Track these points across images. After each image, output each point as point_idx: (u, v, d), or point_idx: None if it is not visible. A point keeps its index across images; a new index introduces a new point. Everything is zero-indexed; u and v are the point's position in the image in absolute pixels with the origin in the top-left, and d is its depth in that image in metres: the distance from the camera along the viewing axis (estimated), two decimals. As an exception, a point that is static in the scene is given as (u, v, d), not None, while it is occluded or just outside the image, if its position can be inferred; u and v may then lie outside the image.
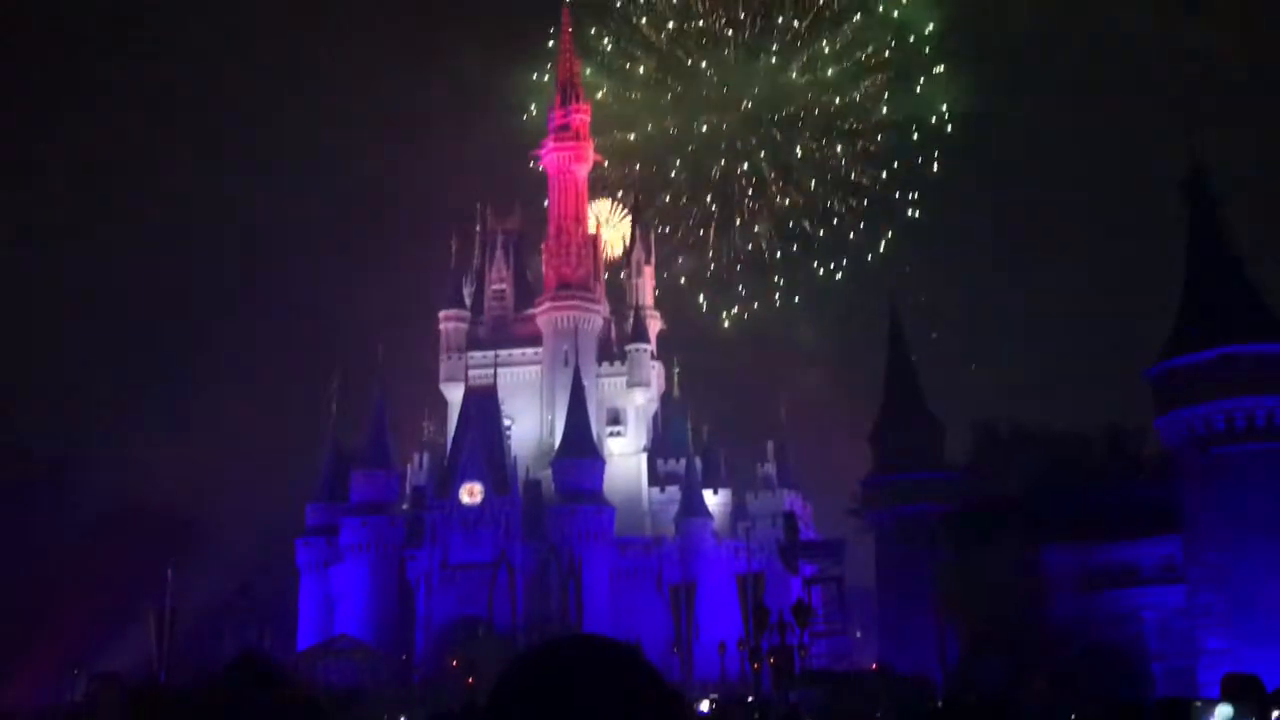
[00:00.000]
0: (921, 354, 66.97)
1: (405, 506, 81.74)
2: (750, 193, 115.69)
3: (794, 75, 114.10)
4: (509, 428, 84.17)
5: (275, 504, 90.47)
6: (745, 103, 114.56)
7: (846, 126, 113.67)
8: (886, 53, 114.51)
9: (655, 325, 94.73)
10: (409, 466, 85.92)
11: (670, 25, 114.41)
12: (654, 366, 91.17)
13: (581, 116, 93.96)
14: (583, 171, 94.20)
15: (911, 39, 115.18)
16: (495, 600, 69.72)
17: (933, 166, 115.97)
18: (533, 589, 74.14)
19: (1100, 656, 45.29)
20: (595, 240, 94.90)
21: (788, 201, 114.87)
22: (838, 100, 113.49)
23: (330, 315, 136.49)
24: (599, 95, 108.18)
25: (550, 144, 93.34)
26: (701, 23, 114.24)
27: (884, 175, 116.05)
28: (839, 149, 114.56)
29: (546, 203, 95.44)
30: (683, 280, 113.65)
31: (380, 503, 79.78)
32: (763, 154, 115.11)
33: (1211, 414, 44.60)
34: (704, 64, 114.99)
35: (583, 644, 2.21)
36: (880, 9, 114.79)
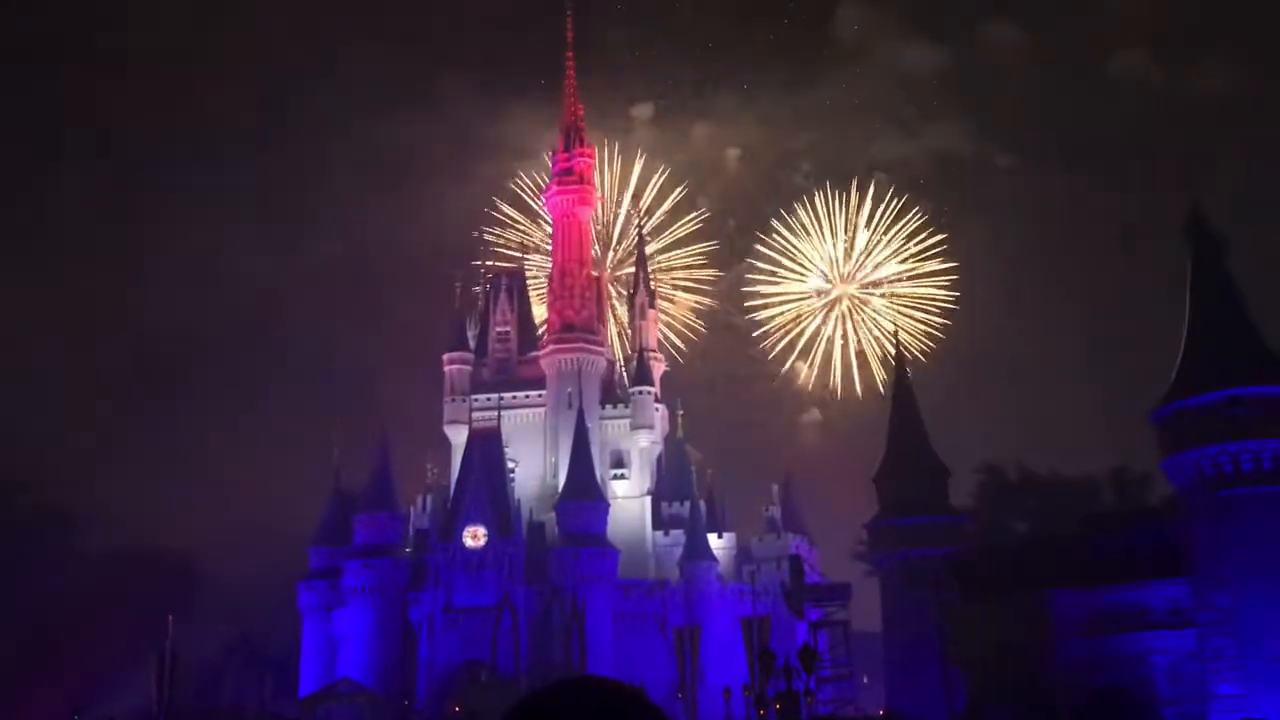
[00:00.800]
0: (925, 397, 66.81)
1: (408, 549, 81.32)
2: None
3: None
4: (513, 470, 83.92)
5: (278, 548, 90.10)
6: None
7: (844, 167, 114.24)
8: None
9: (659, 368, 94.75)
10: (412, 509, 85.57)
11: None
12: (658, 409, 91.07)
13: (585, 160, 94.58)
14: (586, 215, 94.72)
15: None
16: (498, 643, 69.32)
17: (927, 210, 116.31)
18: (536, 632, 73.62)
19: (1109, 701, 44.81)
20: (599, 283, 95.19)
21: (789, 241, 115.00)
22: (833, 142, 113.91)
23: (333, 359, 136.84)
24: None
25: (554, 188, 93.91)
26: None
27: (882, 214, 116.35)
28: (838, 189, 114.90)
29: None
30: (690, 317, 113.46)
31: (383, 545, 79.43)
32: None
33: (1219, 456, 44.41)
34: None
35: (588, 685, 2.18)
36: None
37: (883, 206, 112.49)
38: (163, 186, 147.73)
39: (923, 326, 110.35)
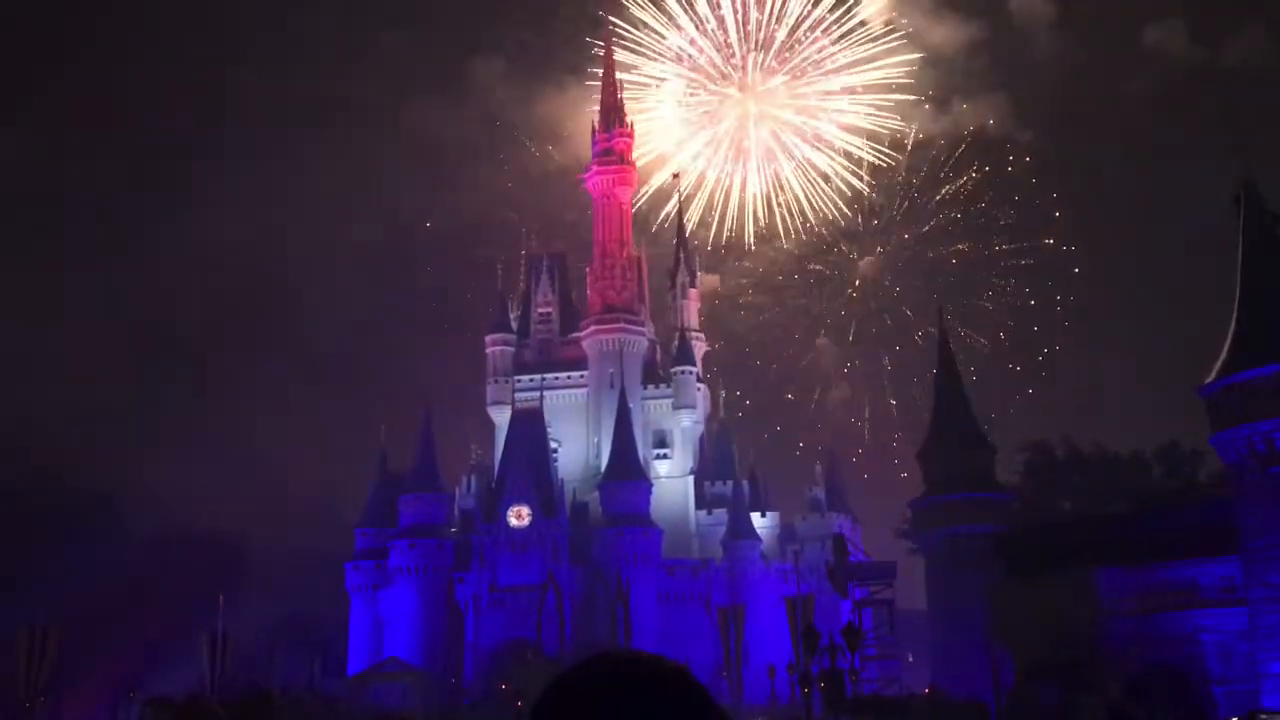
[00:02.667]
0: (971, 372, 66.27)
1: (453, 530, 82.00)
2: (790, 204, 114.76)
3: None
4: (555, 451, 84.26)
5: (325, 529, 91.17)
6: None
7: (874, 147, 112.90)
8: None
9: (701, 347, 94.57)
10: (457, 490, 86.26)
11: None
12: (700, 389, 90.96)
13: (625, 140, 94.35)
14: (626, 195, 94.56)
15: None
16: (543, 623, 69.73)
17: (971, 184, 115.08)
18: (580, 611, 74.01)
19: (1159, 679, 44.32)
20: (640, 263, 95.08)
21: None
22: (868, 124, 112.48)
23: (378, 341, 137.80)
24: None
25: (594, 168, 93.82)
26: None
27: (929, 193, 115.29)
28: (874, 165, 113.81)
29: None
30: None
31: (429, 526, 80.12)
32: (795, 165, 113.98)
33: (1271, 431, 43.64)
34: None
35: (632, 660, 2.16)
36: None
37: None
38: (203, 173, 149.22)
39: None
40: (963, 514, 57.04)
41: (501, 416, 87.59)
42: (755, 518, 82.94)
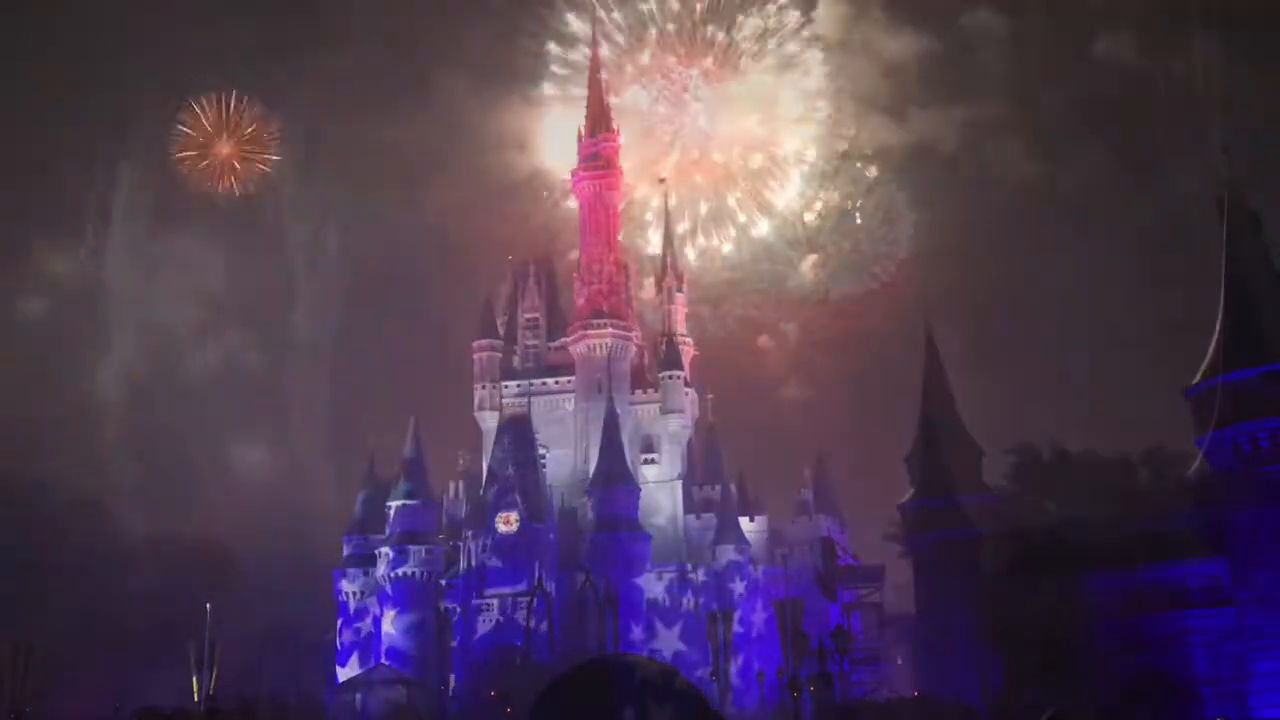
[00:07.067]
0: (956, 373, 66.25)
1: (441, 536, 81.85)
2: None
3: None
4: (543, 456, 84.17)
5: (313, 535, 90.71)
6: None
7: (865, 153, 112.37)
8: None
9: (688, 352, 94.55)
10: (445, 496, 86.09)
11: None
12: (687, 393, 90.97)
13: (611, 144, 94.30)
14: (613, 200, 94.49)
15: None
16: (532, 629, 69.67)
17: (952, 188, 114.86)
18: (569, 617, 73.91)
19: (1148, 681, 44.48)
20: (627, 268, 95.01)
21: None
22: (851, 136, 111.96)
23: (364, 346, 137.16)
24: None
25: (580, 172, 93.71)
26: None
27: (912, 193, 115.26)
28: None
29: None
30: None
31: (417, 533, 79.93)
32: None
33: (1256, 433, 43.89)
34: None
35: (624, 664, 2.14)
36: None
37: None
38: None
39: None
40: (950, 517, 57.13)
41: (489, 422, 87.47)
42: (744, 522, 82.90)
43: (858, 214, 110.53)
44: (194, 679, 56.38)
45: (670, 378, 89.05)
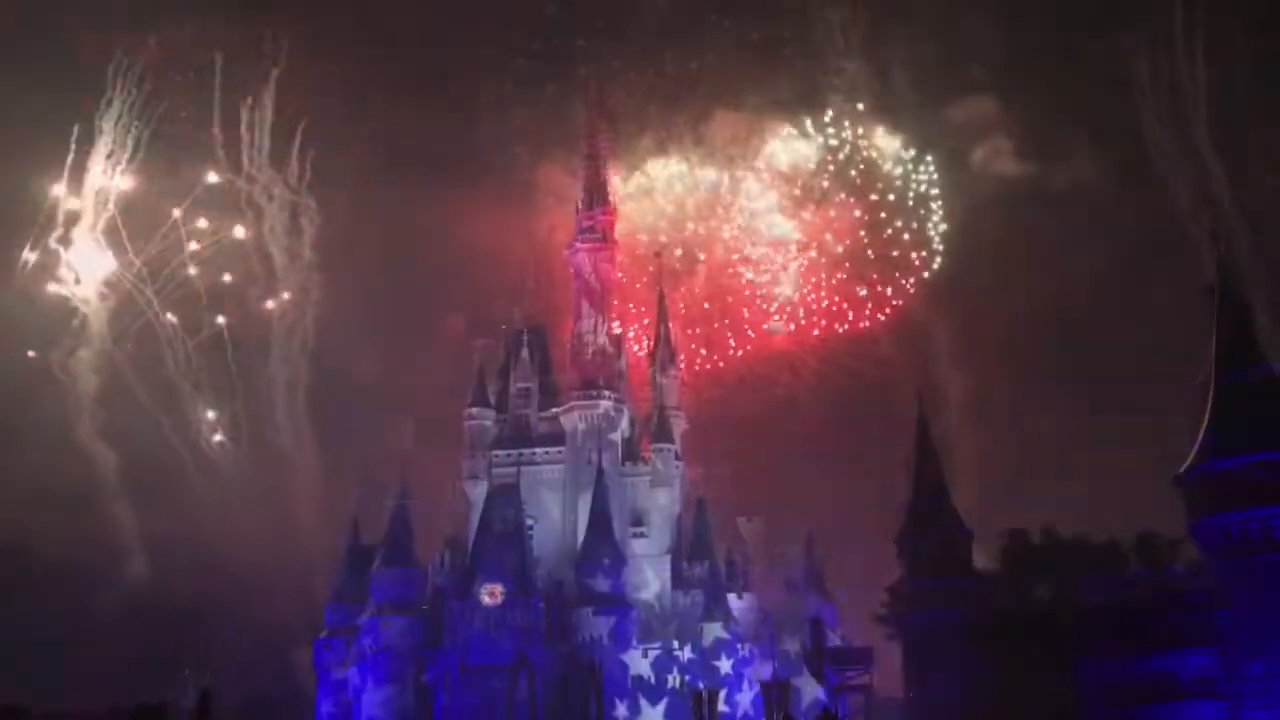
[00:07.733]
0: (948, 456, 66.19)
1: (425, 607, 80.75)
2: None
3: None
4: (531, 527, 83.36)
5: (293, 605, 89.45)
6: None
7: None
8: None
9: (680, 425, 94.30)
10: (430, 566, 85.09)
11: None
12: (678, 467, 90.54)
13: (607, 218, 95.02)
14: (609, 272, 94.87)
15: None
16: (515, 703, 68.50)
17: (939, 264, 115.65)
18: (553, 692, 72.72)
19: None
20: (620, 340, 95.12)
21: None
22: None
23: (351, 408, 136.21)
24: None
25: (577, 244, 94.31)
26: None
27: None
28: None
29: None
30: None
31: (401, 602, 78.89)
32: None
33: (1248, 522, 43.75)
34: None
35: None
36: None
37: None
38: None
39: None
40: (939, 599, 56.73)
41: (477, 491, 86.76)
42: (732, 599, 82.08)
43: None
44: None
45: (662, 450, 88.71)
